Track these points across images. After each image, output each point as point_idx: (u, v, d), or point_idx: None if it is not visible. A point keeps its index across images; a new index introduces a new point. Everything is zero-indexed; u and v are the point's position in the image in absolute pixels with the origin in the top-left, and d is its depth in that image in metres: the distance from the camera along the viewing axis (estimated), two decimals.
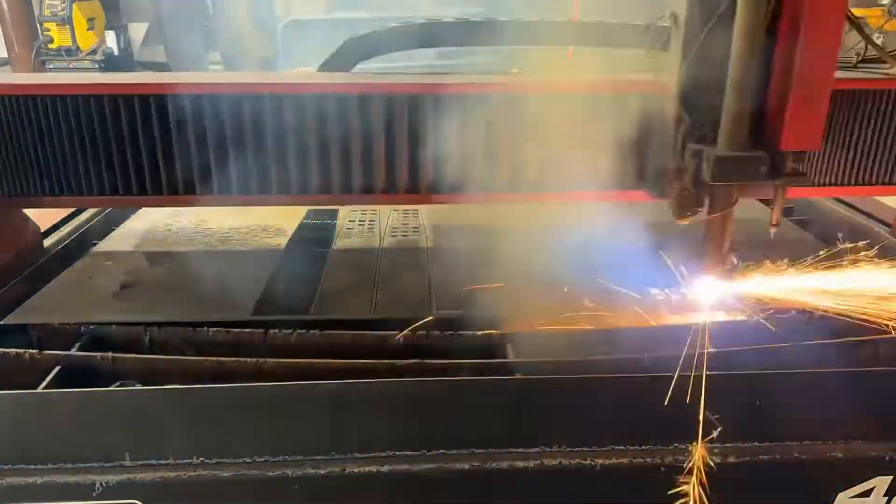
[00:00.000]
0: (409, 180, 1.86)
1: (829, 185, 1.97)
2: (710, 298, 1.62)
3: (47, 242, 2.21)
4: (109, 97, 1.73)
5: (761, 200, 2.25)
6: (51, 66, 8.01)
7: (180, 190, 1.82)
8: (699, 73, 1.44)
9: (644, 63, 1.64)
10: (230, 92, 1.74)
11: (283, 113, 1.76)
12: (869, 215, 2.42)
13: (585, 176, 1.75)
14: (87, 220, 2.41)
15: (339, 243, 2.23)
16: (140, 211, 2.54)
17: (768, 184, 1.45)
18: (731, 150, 1.40)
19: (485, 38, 2.07)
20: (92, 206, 2.38)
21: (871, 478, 1.42)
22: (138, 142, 1.77)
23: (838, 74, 1.56)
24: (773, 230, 1.55)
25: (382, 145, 1.81)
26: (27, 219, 2.10)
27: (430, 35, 2.08)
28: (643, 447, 1.42)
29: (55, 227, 2.34)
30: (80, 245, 2.27)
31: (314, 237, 2.30)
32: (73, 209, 2.42)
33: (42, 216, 2.22)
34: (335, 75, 1.99)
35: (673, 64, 1.49)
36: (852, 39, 1.71)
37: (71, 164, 1.78)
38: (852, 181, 1.96)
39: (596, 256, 1.71)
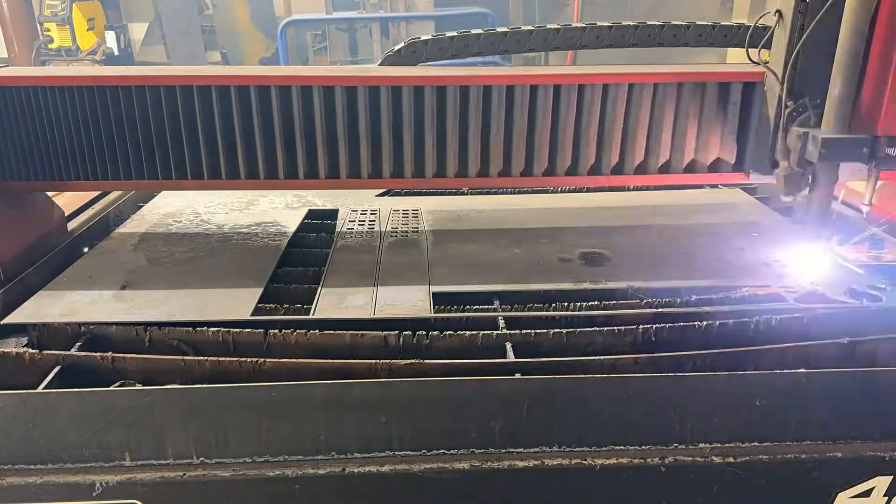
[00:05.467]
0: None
1: None
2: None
3: (71, 225, 2.36)
4: (138, 87, 1.90)
5: None
6: (51, 67, 8.01)
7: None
8: (804, 62, 1.58)
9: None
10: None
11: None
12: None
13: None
14: (83, 222, 2.42)
15: (339, 243, 2.23)
16: (140, 210, 2.55)
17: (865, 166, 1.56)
18: (834, 132, 1.51)
19: (573, 44, 2.22)
20: (114, 189, 2.56)
21: (871, 478, 1.42)
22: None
23: None
24: (865, 209, 1.66)
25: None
26: (52, 202, 2.25)
27: (514, 41, 2.25)
28: (643, 447, 1.43)
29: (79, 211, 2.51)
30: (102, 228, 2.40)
31: (314, 237, 2.30)
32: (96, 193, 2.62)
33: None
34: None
35: (777, 55, 1.64)
36: None
37: (105, 150, 1.96)
38: None
39: None
